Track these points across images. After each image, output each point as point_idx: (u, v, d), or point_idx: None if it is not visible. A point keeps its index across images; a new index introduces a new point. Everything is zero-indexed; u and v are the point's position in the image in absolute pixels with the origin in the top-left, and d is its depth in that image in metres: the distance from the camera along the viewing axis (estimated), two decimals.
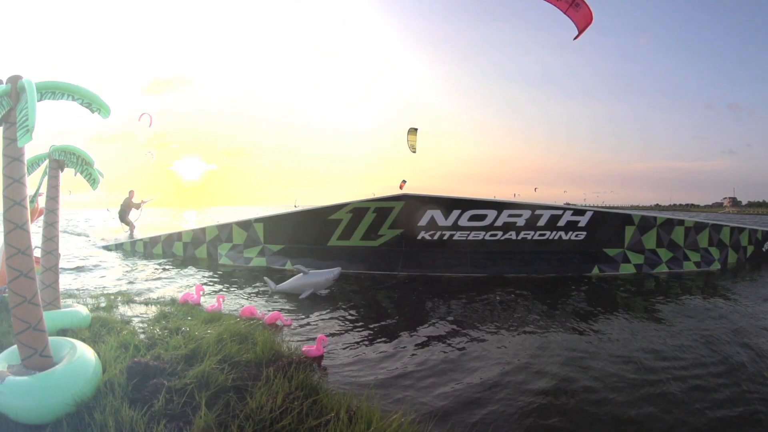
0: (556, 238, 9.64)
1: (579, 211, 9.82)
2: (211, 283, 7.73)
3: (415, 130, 18.73)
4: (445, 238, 9.54)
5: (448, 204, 9.53)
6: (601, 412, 3.17)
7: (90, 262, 10.08)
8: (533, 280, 8.74)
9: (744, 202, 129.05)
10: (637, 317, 6.02)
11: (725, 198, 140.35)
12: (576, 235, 9.67)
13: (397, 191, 11.01)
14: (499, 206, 9.57)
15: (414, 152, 18.64)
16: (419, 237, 9.58)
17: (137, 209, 15.14)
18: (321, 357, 4.04)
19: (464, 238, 9.54)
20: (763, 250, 11.44)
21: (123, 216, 14.73)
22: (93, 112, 3.02)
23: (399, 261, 9.43)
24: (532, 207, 9.68)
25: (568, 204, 15.83)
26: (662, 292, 7.93)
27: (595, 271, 9.36)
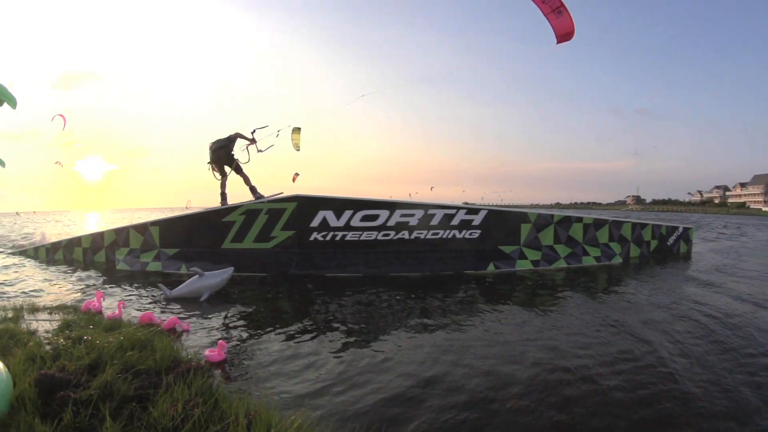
0: (449, 236, 10.14)
1: (473, 210, 10.37)
2: (111, 290, 7.79)
3: (299, 129, 19.45)
4: (337, 238, 9.89)
5: (339, 204, 9.85)
6: (530, 418, 3.37)
7: None
8: (428, 278, 9.20)
9: (648, 200, 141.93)
10: (542, 312, 6.49)
11: (629, 196, 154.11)
12: (470, 234, 10.20)
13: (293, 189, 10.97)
14: (391, 206, 9.99)
15: (298, 150, 19.43)
16: (312, 238, 9.88)
17: (249, 146, 10.77)
18: (223, 361, 4.25)
19: (357, 239, 9.92)
20: (668, 244, 12.61)
21: (223, 161, 10.59)
22: (0, 104, 3.10)
23: (292, 262, 9.73)
24: (425, 207, 10.16)
25: (466, 203, 16.88)
26: (564, 287, 8.51)
27: (491, 268, 9.93)
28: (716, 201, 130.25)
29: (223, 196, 10.84)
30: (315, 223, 9.78)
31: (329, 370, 4.21)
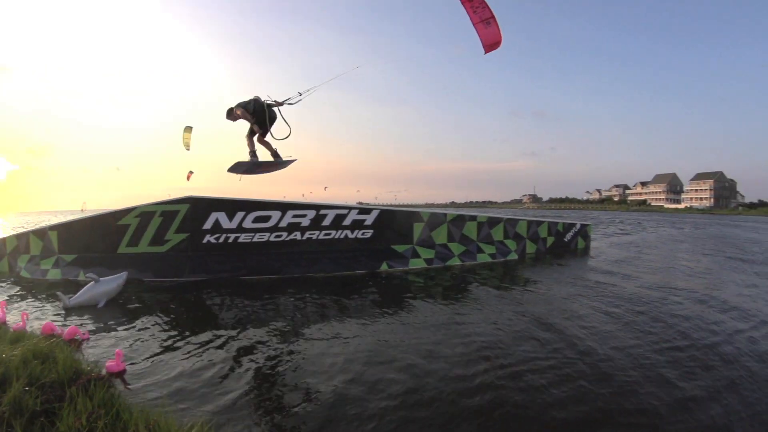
0: (342, 237, 10.37)
1: (365, 210, 10.60)
2: (16, 299, 7.68)
3: (190, 128, 19.73)
4: (230, 241, 9.82)
5: (232, 206, 9.79)
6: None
7: None
8: (325, 280, 9.40)
9: (545, 199, 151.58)
10: (440, 312, 6.68)
11: (525, 195, 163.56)
12: (362, 234, 10.50)
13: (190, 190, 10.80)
14: (283, 207, 10.03)
15: (188, 150, 19.76)
16: (205, 241, 9.77)
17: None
18: (123, 371, 4.38)
19: (249, 240, 9.88)
20: (565, 240, 13.55)
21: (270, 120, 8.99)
22: None
23: (186, 266, 9.61)
24: (317, 207, 10.27)
25: (360, 203, 17.36)
26: (459, 284, 8.93)
27: (384, 267, 10.37)
28: (615, 199, 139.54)
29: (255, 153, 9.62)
30: (208, 225, 9.71)
31: (231, 378, 4.33)
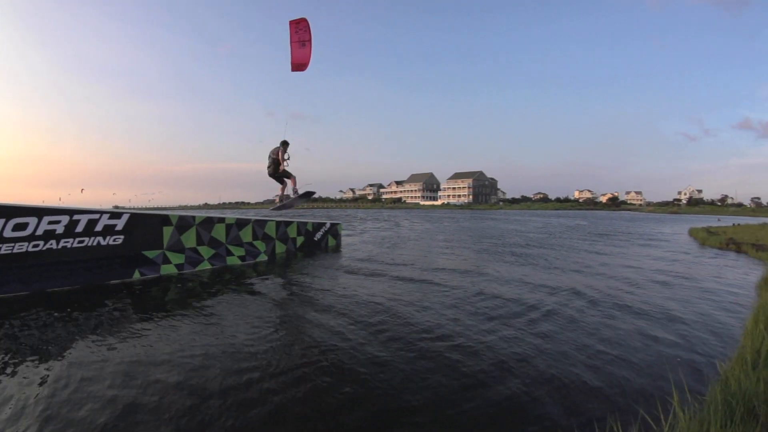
0: (94, 244, 9.95)
1: (116, 214, 10.27)
2: None
3: None
4: None
5: None
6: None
7: None
8: (78, 292, 8.92)
9: None
10: (193, 321, 6.61)
11: (277, 195, 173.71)
12: (114, 240, 10.19)
13: None
14: (39, 213, 9.38)
15: None
16: None
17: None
18: None
19: (10, 252, 9.08)
20: (315, 239, 14.41)
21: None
22: None
23: None
24: (71, 212, 9.71)
25: (117, 207, 16.83)
26: (210, 290, 9.03)
27: (137, 275, 10.20)
28: (370, 197, 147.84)
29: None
30: None
31: (31, 404, 4.05)
